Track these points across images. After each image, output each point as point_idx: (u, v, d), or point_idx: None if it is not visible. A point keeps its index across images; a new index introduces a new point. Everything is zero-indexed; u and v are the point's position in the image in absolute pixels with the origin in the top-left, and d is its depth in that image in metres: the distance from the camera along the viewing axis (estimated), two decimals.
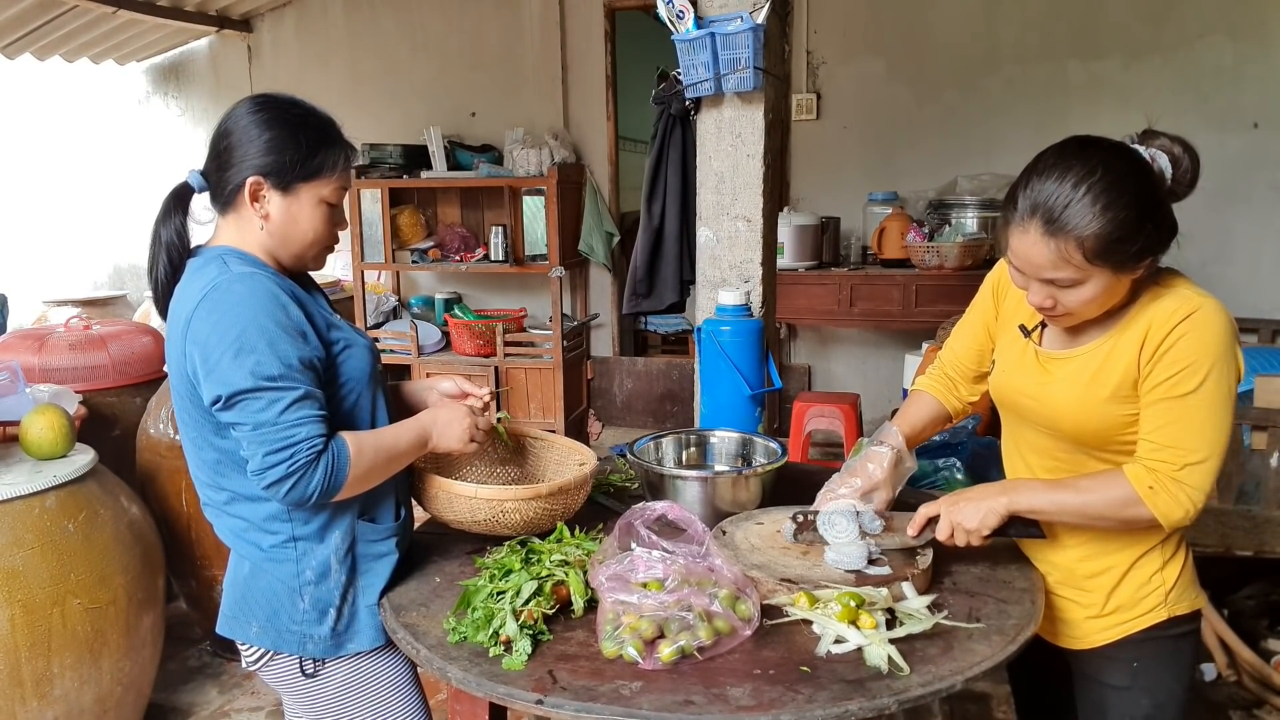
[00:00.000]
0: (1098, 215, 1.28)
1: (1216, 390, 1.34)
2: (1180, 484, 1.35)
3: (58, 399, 2.75)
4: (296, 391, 1.39)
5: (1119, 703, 1.54)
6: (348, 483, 1.44)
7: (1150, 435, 1.37)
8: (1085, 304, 1.36)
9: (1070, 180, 1.29)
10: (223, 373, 1.37)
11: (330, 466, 1.40)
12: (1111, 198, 1.28)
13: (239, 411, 1.38)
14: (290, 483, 1.37)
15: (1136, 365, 1.38)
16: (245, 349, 1.37)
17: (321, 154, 1.49)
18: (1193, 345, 1.33)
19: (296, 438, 1.37)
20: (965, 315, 1.72)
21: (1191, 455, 1.34)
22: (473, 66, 5.82)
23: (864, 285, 4.83)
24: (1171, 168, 1.35)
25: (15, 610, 2.23)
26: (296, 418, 1.38)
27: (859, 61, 5.18)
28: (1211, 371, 1.33)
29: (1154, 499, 1.36)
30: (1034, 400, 1.51)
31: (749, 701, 1.21)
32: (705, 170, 2.66)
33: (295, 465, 1.37)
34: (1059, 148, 1.35)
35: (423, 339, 5.57)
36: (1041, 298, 1.38)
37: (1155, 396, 1.36)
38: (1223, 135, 4.56)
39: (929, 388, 1.77)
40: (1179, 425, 1.35)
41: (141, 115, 6.61)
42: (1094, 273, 1.31)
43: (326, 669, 1.54)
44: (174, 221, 1.51)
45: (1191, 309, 1.34)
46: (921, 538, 1.52)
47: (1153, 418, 1.37)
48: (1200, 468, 1.35)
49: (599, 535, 1.64)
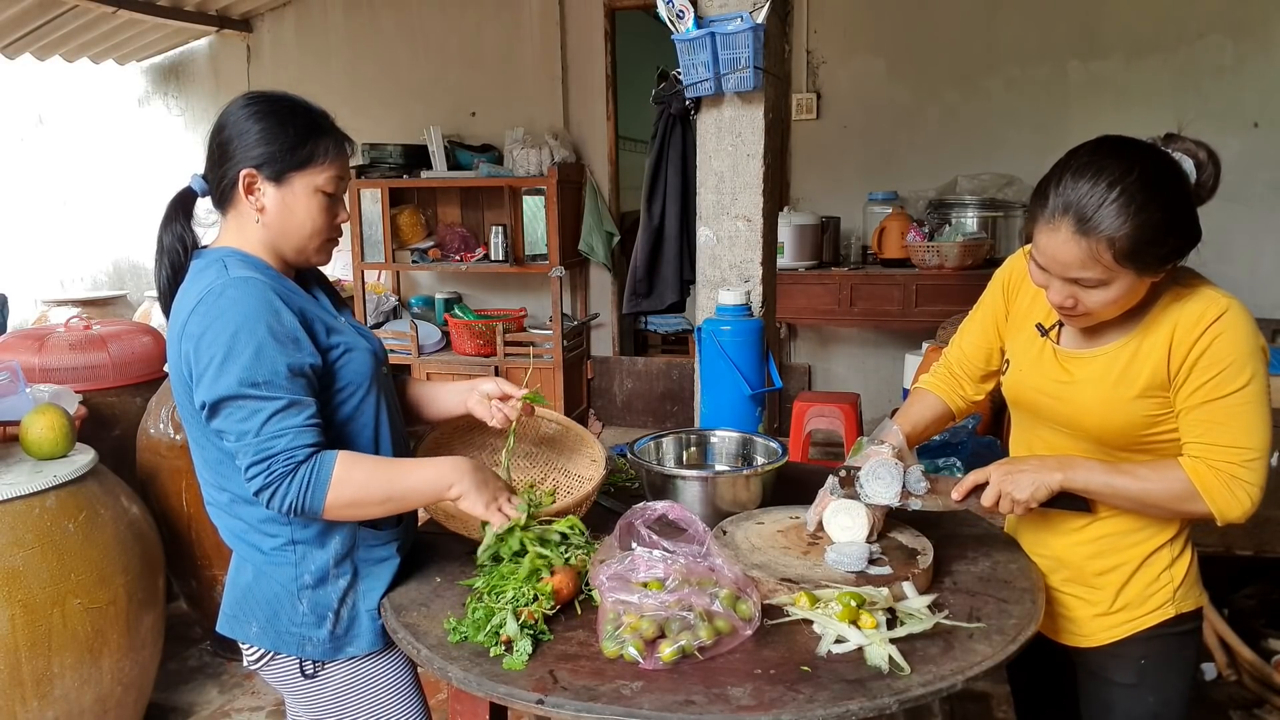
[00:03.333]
0: (1131, 217, 1.27)
1: (1259, 386, 1.35)
2: (1239, 481, 1.36)
3: (58, 399, 2.75)
4: (279, 401, 1.37)
5: (1125, 700, 1.55)
6: (329, 504, 1.38)
7: (1201, 438, 1.38)
8: (1106, 305, 1.35)
9: (1105, 180, 1.28)
10: (209, 379, 1.37)
11: (307, 481, 1.37)
12: (1145, 200, 1.27)
13: (224, 419, 1.38)
14: (269, 493, 1.37)
15: (1166, 365, 1.38)
16: (232, 355, 1.36)
17: (311, 142, 1.48)
18: (1228, 346, 1.34)
19: (274, 449, 1.36)
20: (973, 312, 1.71)
21: (1247, 453, 1.36)
22: (472, 66, 5.82)
23: (864, 285, 4.83)
24: (1196, 172, 1.35)
25: (15, 610, 2.23)
26: (277, 429, 1.36)
27: (859, 61, 5.18)
28: (1252, 368, 1.34)
29: (1212, 495, 1.37)
30: (1054, 399, 1.50)
31: (750, 701, 1.21)
32: (705, 170, 2.66)
33: (271, 476, 1.36)
34: (1093, 146, 1.33)
35: (423, 339, 5.57)
36: (1062, 297, 1.37)
37: (1197, 400, 1.37)
38: (1223, 135, 4.55)
39: (933, 386, 1.76)
40: (1229, 425, 1.36)
41: (141, 115, 6.61)
42: (1120, 274, 1.31)
43: (326, 670, 1.54)
44: (175, 227, 1.51)
45: (1220, 310, 1.35)
46: (966, 503, 1.51)
47: (1199, 421, 1.38)
48: (1257, 464, 1.36)
49: (596, 539, 1.64)
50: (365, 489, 1.41)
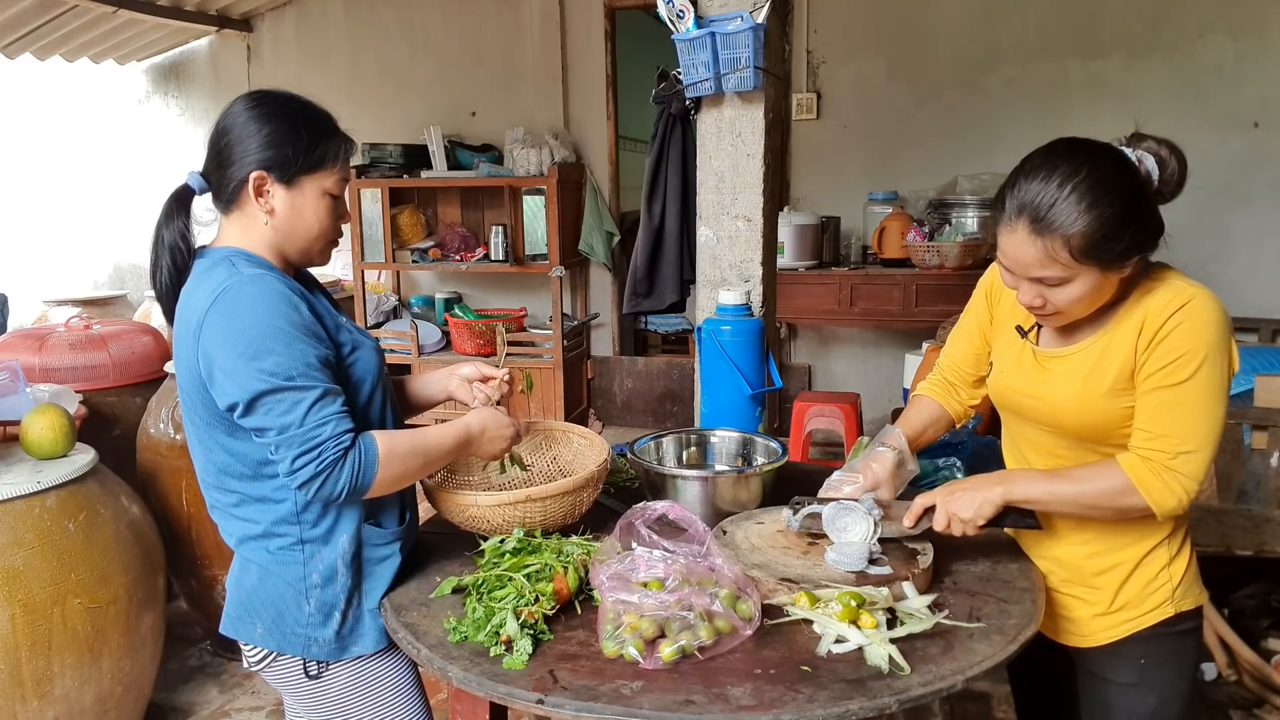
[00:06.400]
0: (1083, 213, 1.29)
1: (1209, 380, 1.35)
2: (1173, 472, 1.36)
3: (58, 399, 2.75)
4: (317, 390, 1.39)
5: (1125, 700, 1.55)
6: (378, 481, 1.43)
7: (1144, 424, 1.39)
8: (1074, 302, 1.37)
9: (1056, 180, 1.31)
10: (241, 377, 1.37)
11: (358, 464, 1.40)
12: (1096, 196, 1.30)
13: (262, 415, 1.38)
14: (319, 481, 1.38)
15: (1134, 357, 1.39)
16: (262, 351, 1.36)
17: (322, 145, 1.49)
18: (1186, 335, 1.35)
19: (322, 436, 1.37)
20: (960, 320, 1.73)
21: (1184, 444, 1.36)
22: (473, 66, 5.82)
23: (864, 285, 4.83)
24: (1158, 169, 1.37)
25: (16, 610, 2.23)
26: (320, 417, 1.38)
27: (859, 61, 5.18)
28: (1205, 361, 1.34)
29: (1147, 487, 1.37)
30: (1034, 399, 1.52)
31: (750, 701, 1.21)
32: (705, 170, 2.66)
33: (324, 464, 1.37)
34: (1045, 149, 1.37)
35: (423, 338, 5.57)
36: (1031, 297, 1.39)
37: (1149, 386, 1.38)
38: (1223, 135, 4.56)
39: (930, 392, 1.78)
40: (1172, 414, 1.36)
41: (141, 115, 6.61)
42: (1081, 271, 1.33)
43: (330, 671, 1.54)
44: (176, 224, 1.51)
45: (1185, 299, 1.36)
46: (918, 528, 1.52)
47: (1146, 407, 1.39)
48: (1193, 457, 1.36)
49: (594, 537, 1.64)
50: (408, 460, 1.48)
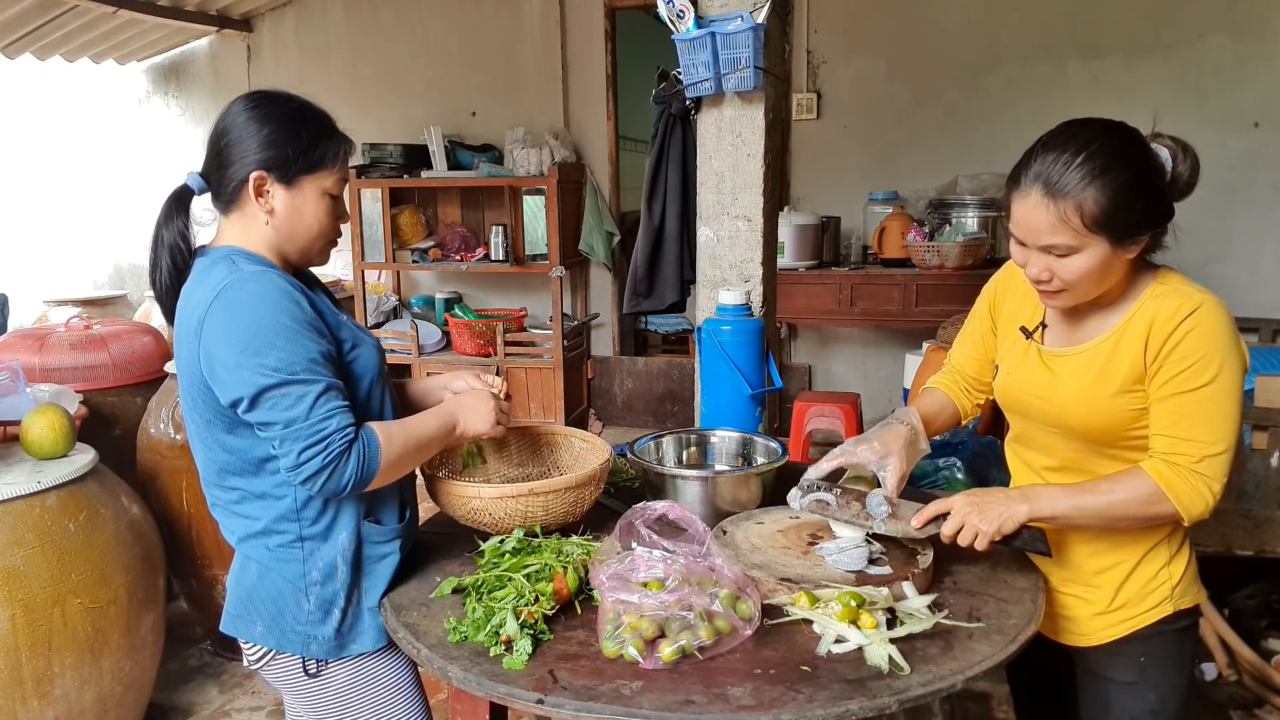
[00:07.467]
0: (1096, 178, 1.31)
1: (1227, 383, 1.36)
2: (1200, 476, 1.37)
3: (58, 399, 2.75)
4: (320, 384, 1.39)
5: (1124, 698, 1.55)
6: (382, 469, 1.45)
7: (1165, 431, 1.39)
8: (1081, 276, 1.37)
9: (1071, 149, 1.34)
10: (244, 372, 1.37)
11: (363, 455, 1.42)
12: (1108, 163, 1.32)
13: (266, 410, 1.38)
14: (325, 475, 1.39)
15: (1143, 360, 1.39)
16: (265, 346, 1.37)
17: (322, 145, 1.49)
18: (1200, 341, 1.35)
19: (327, 430, 1.38)
20: (965, 324, 1.75)
21: (1209, 448, 1.37)
22: (473, 66, 5.82)
23: (864, 285, 4.83)
24: (1172, 161, 1.38)
25: (16, 610, 2.23)
26: (325, 411, 1.39)
27: (859, 61, 5.18)
28: (1222, 365, 1.36)
29: (1176, 493, 1.37)
30: (1040, 399, 1.52)
31: (749, 701, 1.21)
32: (705, 170, 2.66)
33: (330, 456, 1.38)
34: (1061, 126, 1.40)
35: (423, 339, 5.57)
36: (1039, 269, 1.40)
37: (1167, 392, 1.38)
38: (1223, 135, 4.56)
39: (942, 386, 1.78)
40: (1193, 419, 1.37)
41: (141, 115, 6.61)
42: (1090, 241, 1.34)
43: (329, 669, 1.54)
44: (176, 223, 1.51)
45: (1194, 305, 1.36)
46: (924, 531, 1.50)
47: (1166, 413, 1.39)
48: (1217, 459, 1.37)
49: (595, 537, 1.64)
50: (405, 448, 1.50)
